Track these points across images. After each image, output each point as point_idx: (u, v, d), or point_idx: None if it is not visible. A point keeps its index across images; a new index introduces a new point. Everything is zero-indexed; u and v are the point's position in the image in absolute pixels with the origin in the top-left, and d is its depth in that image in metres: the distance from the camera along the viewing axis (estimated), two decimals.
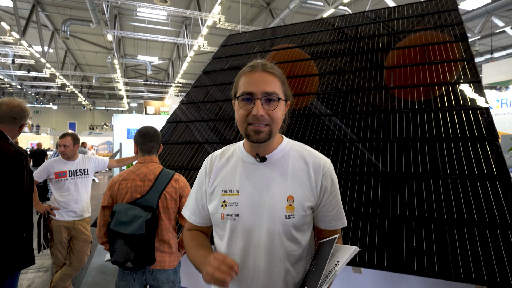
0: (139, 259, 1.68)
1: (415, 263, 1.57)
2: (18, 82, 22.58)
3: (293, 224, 0.97)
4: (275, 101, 0.95)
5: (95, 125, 34.42)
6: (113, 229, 1.69)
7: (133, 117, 12.55)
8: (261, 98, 0.94)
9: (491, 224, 1.59)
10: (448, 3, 3.02)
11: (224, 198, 1.02)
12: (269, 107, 0.95)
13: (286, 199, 0.97)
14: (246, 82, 0.96)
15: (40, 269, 3.89)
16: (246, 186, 1.01)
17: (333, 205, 1.03)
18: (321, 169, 1.01)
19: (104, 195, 1.86)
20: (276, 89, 0.96)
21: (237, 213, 0.99)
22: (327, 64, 3.03)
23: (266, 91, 0.94)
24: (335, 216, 1.04)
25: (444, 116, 2.14)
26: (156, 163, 1.91)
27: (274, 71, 0.97)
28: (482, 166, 1.80)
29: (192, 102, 3.37)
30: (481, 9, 9.13)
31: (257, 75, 0.95)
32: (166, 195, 1.79)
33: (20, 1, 12.40)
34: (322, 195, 1.01)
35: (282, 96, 0.98)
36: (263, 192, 0.99)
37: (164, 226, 1.80)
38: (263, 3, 13.14)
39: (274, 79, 0.96)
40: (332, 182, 1.02)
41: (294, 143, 1.09)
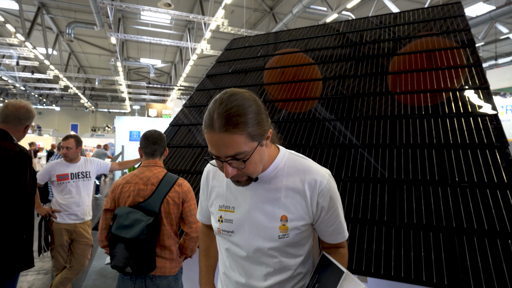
0: (139, 264, 1.64)
1: (424, 273, 1.53)
2: (22, 83, 22.68)
3: (287, 243, 0.96)
4: (243, 158, 0.85)
5: (97, 127, 34.47)
6: (114, 232, 1.66)
7: (135, 119, 12.56)
8: (227, 160, 0.85)
9: (501, 234, 1.55)
10: (455, 8, 3.00)
11: (221, 214, 1.04)
12: (238, 164, 0.87)
13: (279, 219, 0.95)
14: (208, 143, 0.86)
15: (40, 272, 3.86)
16: (240, 204, 1.00)
17: (332, 220, 0.99)
18: (317, 187, 0.95)
19: (107, 197, 1.84)
20: (240, 148, 0.83)
21: (232, 230, 1.01)
22: (330, 69, 3.01)
23: (229, 155, 0.84)
24: (335, 231, 1.02)
25: (452, 122, 2.11)
26: (160, 167, 1.88)
27: (232, 127, 0.80)
28: (492, 174, 1.77)
29: (195, 105, 3.35)
30: (485, 16, 9.10)
31: (215, 137, 0.82)
32: (169, 199, 1.75)
33: (25, 4, 12.49)
34: (319, 213, 0.97)
35: (250, 148, 0.85)
36: (257, 211, 0.97)
37: (166, 232, 1.76)
38: (266, 7, 13.18)
39: (234, 138, 0.81)
40: (331, 198, 0.96)
41: (290, 155, 1.02)
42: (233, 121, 0.81)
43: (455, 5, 3.05)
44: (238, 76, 3.48)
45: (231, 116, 0.81)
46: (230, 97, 0.85)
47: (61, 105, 34.17)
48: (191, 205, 1.80)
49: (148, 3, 11.60)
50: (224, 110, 0.82)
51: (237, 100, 0.84)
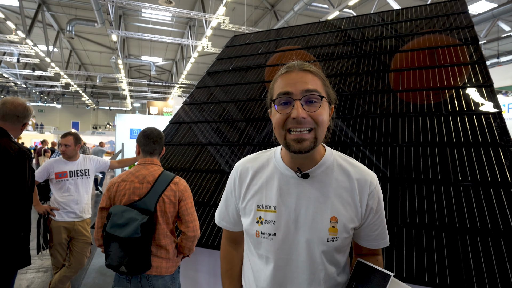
0: (133, 264, 1.61)
1: (426, 273, 1.51)
2: (23, 81, 22.70)
3: (335, 247, 0.88)
4: (317, 101, 0.82)
5: (99, 125, 34.52)
6: (108, 231, 1.63)
7: (135, 117, 12.55)
8: (301, 99, 0.81)
9: (505, 234, 1.52)
10: (458, 4, 2.96)
11: (260, 214, 0.92)
12: (311, 108, 0.82)
13: (329, 220, 0.87)
14: (282, 83, 0.84)
15: (40, 270, 3.85)
16: (284, 203, 0.90)
17: (378, 224, 0.94)
18: (367, 187, 0.90)
19: (103, 196, 1.81)
20: (318, 87, 0.84)
21: (274, 232, 0.90)
22: (332, 66, 2.98)
23: (306, 89, 0.82)
24: (378, 236, 0.95)
25: (455, 120, 2.08)
26: (157, 165, 1.86)
27: (313, 69, 0.86)
28: (495, 173, 1.74)
29: (195, 103, 3.32)
30: (487, 13, 9.05)
31: (293, 74, 0.84)
32: (164, 198, 1.72)
33: (26, 1, 12.46)
34: (367, 215, 0.91)
35: (325, 95, 0.85)
36: (303, 211, 0.88)
37: (162, 231, 1.73)
38: (267, 5, 13.12)
39: (313, 78, 0.85)
40: (379, 201, 0.92)
41: (337, 154, 0.96)
42: (312, 68, 0.87)
43: (458, 1, 3.01)
44: (239, 73, 3.45)
45: (310, 65, 0.87)
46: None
47: (62, 103, 34.22)
48: (187, 203, 1.77)
49: (149, 0, 11.56)
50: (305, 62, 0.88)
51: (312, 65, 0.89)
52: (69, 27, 12.39)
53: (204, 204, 2.30)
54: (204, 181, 2.47)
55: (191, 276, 2.36)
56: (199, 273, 2.33)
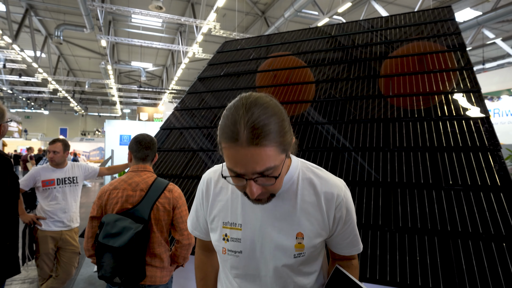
0: (128, 274, 1.57)
1: (419, 278, 1.51)
2: (9, 86, 22.25)
3: (302, 262, 0.88)
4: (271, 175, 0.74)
5: (87, 131, 34.01)
6: (101, 241, 1.57)
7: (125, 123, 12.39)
8: (253, 178, 0.73)
9: (496, 238, 1.54)
10: (445, 12, 3.02)
11: (226, 231, 0.92)
12: (265, 181, 0.75)
13: (295, 237, 0.86)
14: (230, 159, 0.72)
15: (26, 281, 3.73)
16: (249, 221, 0.89)
17: (348, 233, 0.92)
18: (334, 200, 0.87)
19: (93, 204, 1.75)
20: (270, 162, 0.71)
21: (240, 250, 0.89)
22: (322, 72, 3.00)
23: (258, 171, 0.71)
24: (350, 244, 0.94)
25: (445, 125, 2.11)
26: (150, 172, 1.81)
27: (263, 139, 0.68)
28: (485, 176, 1.76)
29: (186, 108, 3.30)
30: (472, 21, 9.30)
31: (242, 152, 0.69)
32: (159, 206, 1.68)
33: (13, 5, 12.27)
34: (335, 227, 0.90)
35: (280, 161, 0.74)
36: (269, 228, 0.87)
37: (156, 239, 1.68)
38: (258, 11, 13.22)
39: (265, 151, 0.69)
40: (348, 211, 0.90)
41: (303, 166, 0.93)
42: (264, 131, 0.68)
43: (445, 9, 3.08)
44: (230, 79, 3.45)
45: (261, 125, 0.68)
46: (256, 102, 0.71)
47: (50, 109, 33.64)
48: (182, 211, 1.73)
49: (139, 6, 11.53)
50: (253, 119, 0.68)
51: (264, 105, 0.71)
52: (57, 32, 12.24)
53: None
54: (195, 187, 2.44)
55: (182, 284, 2.31)
56: (191, 281, 2.29)
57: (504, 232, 1.54)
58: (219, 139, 0.75)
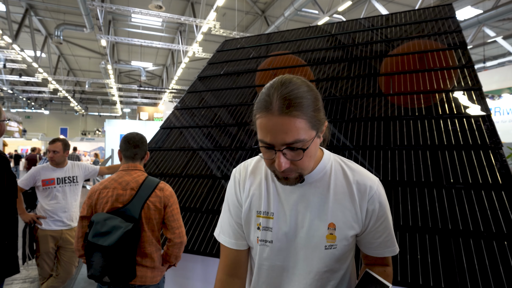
0: (117, 273, 1.54)
1: (420, 277, 1.50)
2: (9, 86, 22.26)
3: (333, 255, 0.85)
4: (299, 149, 0.76)
5: (88, 131, 34.03)
6: (91, 240, 1.55)
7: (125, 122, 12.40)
8: (282, 150, 0.75)
9: (498, 236, 1.53)
10: (446, 9, 3.01)
11: (259, 220, 0.90)
12: (294, 156, 0.76)
13: (326, 227, 0.84)
14: (262, 128, 0.76)
15: (26, 280, 3.73)
16: (281, 210, 0.88)
17: (381, 231, 0.88)
18: (367, 192, 0.86)
19: (83, 204, 1.74)
20: (299, 135, 0.73)
21: (271, 240, 0.87)
22: (323, 71, 2.99)
23: (287, 142, 0.74)
24: (382, 244, 0.90)
25: (446, 123, 2.10)
26: (140, 171, 1.80)
27: (294, 109, 0.72)
28: (486, 175, 1.75)
29: (186, 108, 3.29)
30: (472, 19, 9.27)
31: (274, 120, 0.73)
32: (149, 204, 1.66)
33: (12, 5, 12.27)
34: (368, 222, 0.87)
35: (309, 136, 0.76)
36: (299, 217, 0.86)
37: (147, 238, 1.67)
38: (258, 10, 13.20)
39: (295, 122, 0.72)
40: (381, 205, 0.87)
41: (336, 158, 0.93)
42: (295, 103, 0.72)
43: (446, 7, 3.07)
44: (230, 78, 3.44)
45: (293, 97, 0.73)
46: (291, 80, 0.76)
47: (50, 109, 33.67)
48: (173, 209, 1.72)
49: (139, 5, 11.52)
50: (286, 91, 0.73)
51: (298, 83, 0.76)
52: (57, 32, 12.23)
53: (196, 210, 2.26)
54: (195, 186, 2.44)
55: (182, 283, 2.31)
56: (190, 280, 2.29)
57: (505, 230, 1.54)
58: (254, 112, 0.79)
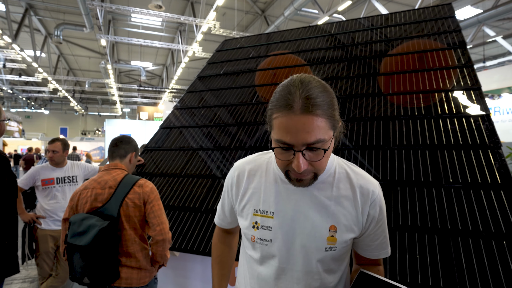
0: (97, 274, 1.50)
1: (419, 276, 1.50)
2: (9, 86, 22.25)
3: (332, 256, 0.86)
4: (320, 150, 0.74)
5: (88, 131, 34.02)
6: (69, 241, 1.53)
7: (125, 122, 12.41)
8: (302, 150, 0.74)
9: (496, 235, 1.53)
10: (445, 9, 3.01)
11: (256, 219, 0.90)
12: (313, 156, 0.75)
13: (328, 229, 0.85)
14: (282, 128, 0.73)
15: (26, 280, 3.74)
16: (282, 210, 0.88)
17: (379, 234, 0.91)
18: (369, 196, 0.86)
19: (67, 207, 1.74)
20: (321, 135, 0.72)
21: (270, 239, 0.88)
22: (322, 70, 2.99)
23: (309, 142, 0.72)
24: (379, 246, 0.92)
25: (445, 123, 2.10)
26: (120, 169, 1.78)
27: (316, 108, 0.71)
28: (485, 174, 1.75)
29: (186, 107, 3.29)
30: (472, 19, 9.27)
31: (295, 119, 0.71)
32: (128, 202, 1.64)
33: (12, 5, 12.26)
34: (368, 225, 0.88)
35: (328, 136, 0.75)
36: (302, 218, 0.86)
37: (129, 237, 1.63)
38: (258, 10, 13.20)
39: (317, 121, 0.71)
40: (381, 210, 0.89)
41: (340, 161, 0.94)
42: (318, 102, 0.71)
43: (445, 6, 3.07)
44: (230, 77, 3.44)
45: (315, 97, 0.71)
46: (310, 79, 0.76)
47: (50, 109, 33.66)
48: (154, 206, 1.68)
49: (139, 5, 11.51)
50: (308, 90, 0.72)
51: (316, 82, 0.76)
52: (57, 32, 12.23)
53: (195, 210, 2.26)
54: (195, 186, 2.44)
55: (182, 283, 2.31)
56: (190, 280, 2.29)
57: (504, 230, 1.54)
58: (271, 111, 0.77)
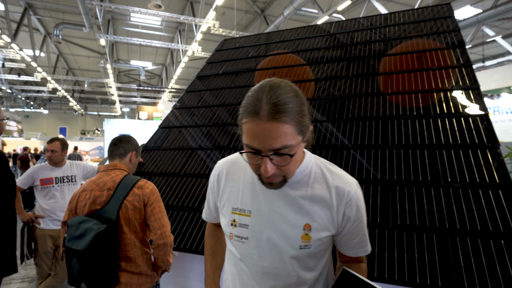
0: (95, 279, 1.44)
1: (417, 275, 1.51)
2: (8, 86, 22.22)
3: (307, 254, 0.88)
4: (286, 155, 0.77)
5: (87, 130, 33.99)
6: (66, 245, 1.48)
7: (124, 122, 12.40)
8: (269, 155, 0.76)
9: (494, 235, 1.53)
10: (444, 9, 3.01)
11: (234, 217, 0.93)
12: (281, 161, 0.78)
13: (302, 228, 0.87)
14: (249, 133, 0.76)
15: (25, 280, 3.73)
16: (259, 208, 0.91)
17: (356, 233, 0.92)
18: (345, 196, 0.88)
19: (66, 210, 1.69)
20: (287, 140, 0.74)
21: (247, 236, 0.91)
22: (322, 70, 2.99)
23: (275, 148, 0.74)
24: (357, 245, 0.94)
25: (443, 122, 2.10)
26: (119, 170, 1.72)
27: (283, 115, 0.73)
28: (483, 174, 1.76)
29: (185, 107, 3.29)
30: (472, 19, 9.28)
31: (262, 126, 0.73)
32: (127, 204, 1.57)
33: (11, 5, 12.24)
34: (344, 224, 0.89)
35: (296, 142, 0.77)
36: (277, 217, 0.88)
37: (128, 241, 1.56)
38: (257, 9, 13.19)
39: (284, 128, 0.73)
40: (358, 209, 0.89)
41: (317, 160, 0.96)
42: (284, 109, 0.73)
43: (444, 6, 3.07)
44: (229, 77, 3.44)
45: (282, 103, 0.73)
46: (279, 85, 0.77)
47: (49, 108, 33.62)
48: (154, 208, 1.61)
49: (138, 5, 11.50)
50: (276, 96, 0.74)
51: (286, 88, 0.77)
52: (56, 31, 12.21)
53: (194, 209, 2.26)
54: (194, 186, 2.44)
55: (181, 283, 2.31)
56: (189, 279, 2.29)
57: (502, 229, 1.54)
58: (241, 116, 0.79)
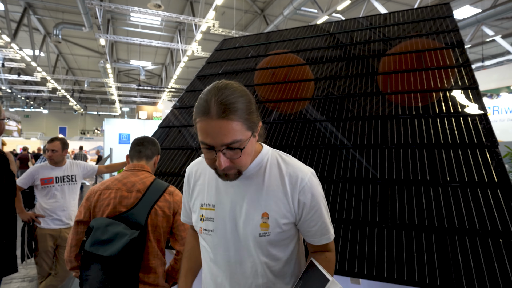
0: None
1: (416, 274, 1.51)
2: (8, 85, 22.21)
3: (268, 241, 0.94)
4: (237, 149, 0.84)
5: (87, 130, 33.97)
6: (88, 250, 1.34)
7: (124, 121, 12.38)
8: (222, 150, 0.84)
9: (493, 234, 1.54)
10: (444, 9, 3.02)
11: (202, 212, 1.01)
12: (233, 155, 0.85)
13: (260, 216, 0.93)
14: (202, 131, 0.83)
15: (25, 279, 3.74)
16: (221, 201, 0.98)
17: (315, 220, 0.96)
18: (298, 183, 0.94)
19: (80, 207, 1.53)
20: (236, 136, 0.82)
21: (213, 229, 0.98)
22: (321, 70, 3.00)
23: (226, 143, 0.82)
24: (318, 232, 0.98)
25: (442, 122, 2.11)
26: (147, 172, 1.62)
27: (231, 113, 0.80)
28: (482, 173, 1.76)
29: (185, 106, 3.30)
30: (471, 18, 9.28)
31: (212, 124, 0.81)
32: (157, 210, 1.47)
33: (11, 4, 12.24)
34: (300, 211, 0.95)
35: (245, 137, 0.85)
36: (237, 208, 0.95)
37: (152, 250, 1.46)
38: (257, 9, 13.20)
39: (232, 124, 0.81)
40: (313, 196, 0.94)
41: (274, 153, 1.02)
42: (231, 107, 0.81)
43: (443, 6, 3.08)
44: (229, 77, 3.44)
45: (229, 103, 0.81)
46: (226, 86, 0.85)
47: (49, 108, 33.61)
48: None
49: (138, 4, 11.50)
50: (223, 97, 0.81)
51: (233, 88, 0.85)
52: (56, 31, 12.20)
53: None
54: None
55: None
56: None
57: (500, 228, 1.55)
58: (194, 116, 0.87)
